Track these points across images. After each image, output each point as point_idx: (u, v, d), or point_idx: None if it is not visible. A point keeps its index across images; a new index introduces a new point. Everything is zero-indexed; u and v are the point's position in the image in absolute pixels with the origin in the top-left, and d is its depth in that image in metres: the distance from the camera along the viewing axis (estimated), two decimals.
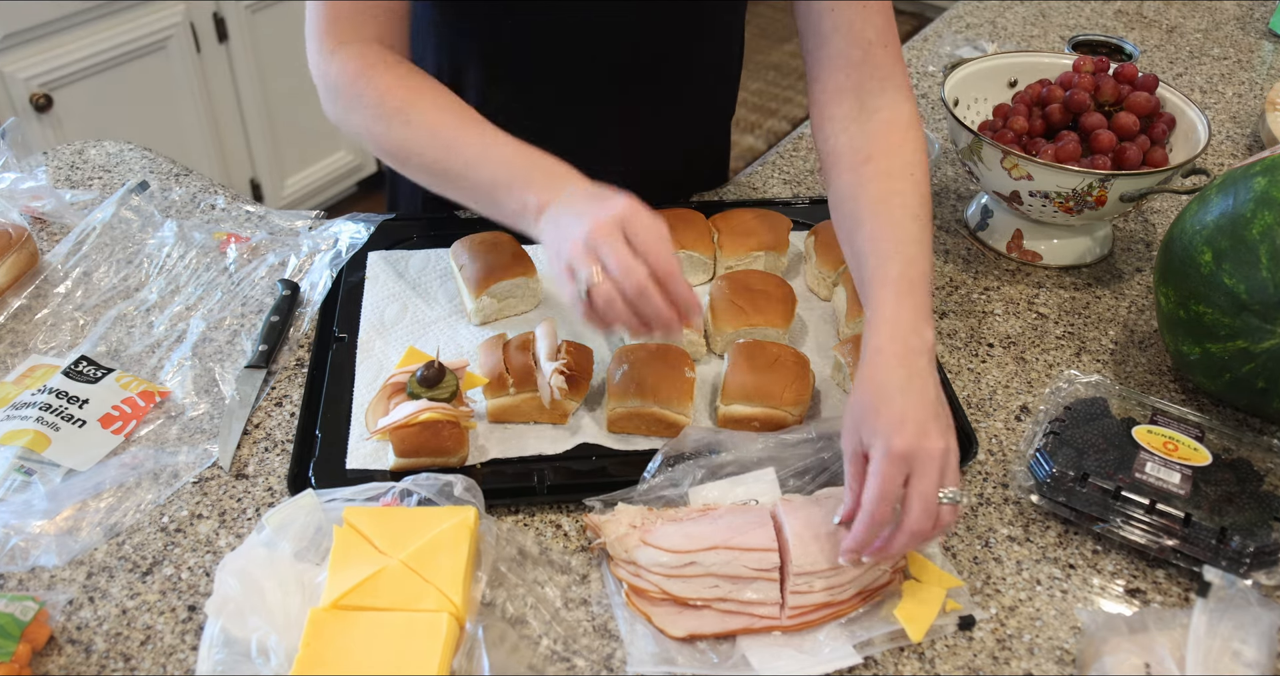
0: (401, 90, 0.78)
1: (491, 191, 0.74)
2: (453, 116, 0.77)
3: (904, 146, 0.80)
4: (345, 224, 1.02)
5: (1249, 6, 1.60)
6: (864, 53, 0.81)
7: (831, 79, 0.83)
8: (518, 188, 0.73)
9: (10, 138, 1.06)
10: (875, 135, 0.81)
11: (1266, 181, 0.78)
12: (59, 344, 0.90)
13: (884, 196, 0.77)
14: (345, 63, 0.79)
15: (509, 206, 0.74)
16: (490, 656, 0.63)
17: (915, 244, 0.75)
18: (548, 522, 0.76)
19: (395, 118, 0.77)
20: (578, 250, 0.67)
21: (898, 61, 0.83)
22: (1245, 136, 1.27)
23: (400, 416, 0.74)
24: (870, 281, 0.74)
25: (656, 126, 1.03)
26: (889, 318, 0.71)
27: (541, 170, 0.73)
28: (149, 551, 0.73)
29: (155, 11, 1.97)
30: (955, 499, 0.66)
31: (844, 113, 0.82)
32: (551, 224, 0.70)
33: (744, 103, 3.29)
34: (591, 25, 0.91)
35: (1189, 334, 0.82)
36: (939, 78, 1.38)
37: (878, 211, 0.77)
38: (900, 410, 0.66)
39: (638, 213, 0.67)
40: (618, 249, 0.66)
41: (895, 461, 0.65)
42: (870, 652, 0.67)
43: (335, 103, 0.80)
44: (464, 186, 0.76)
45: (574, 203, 0.70)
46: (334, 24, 0.80)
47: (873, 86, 0.82)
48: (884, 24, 0.82)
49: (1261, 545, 0.70)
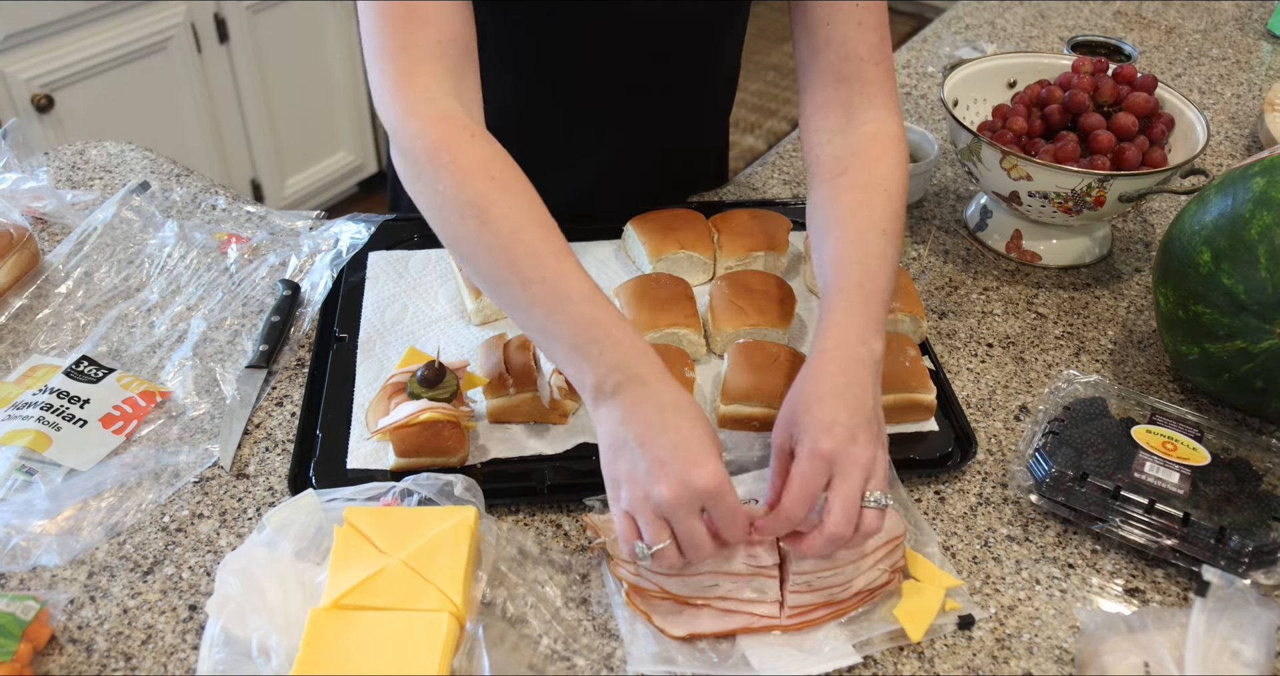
0: (482, 181, 0.69)
1: (546, 342, 0.69)
2: (531, 232, 0.68)
3: (881, 161, 0.80)
4: (346, 224, 1.02)
5: (1247, 7, 1.60)
6: (855, 68, 0.82)
7: (820, 92, 0.83)
8: (578, 356, 0.66)
9: (11, 138, 1.06)
10: (856, 148, 0.81)
11: (1265, 182, 0.78)
12: (60, 344, 0.90)
13: (854, 208, 0.78)
14: (426, 127, 0.70)
15: (562, 364, 0.68)
16: (490, 655, 0.63)
17: (877, 258, 0.75)
18: (548, 522, 0.76)
19: (469, 210, 0.68)
20: (647, 512, 0.62)
21: (888, 79, 0.83)
22: (1244, 137, 1.27)
23: (401, 416, 0.74)
24: (828, 289, 0.74)
25: (657, 126, 1.03)
26: (839, 323, 0.71)
27: (611, 344, 0.65)
28: (150, 551, 0.73)
29: (156, 12, 1.97)
30: (881, 503, 0.65)
31: (830, 125, 0.83)
32: (614, 429, 0.64)
33: (744, 103, 3.29)
34: (596, 25, 0.91)
35: (1188, 334, 0.82)
36: (938, 78, 1.38)
37: (845, 223, 0.77)
38: (832, 413, 0.66)
39: (723, 494, 0.62)
40: (694, 528, 0.62)
41: (818, 461, 0.64)
42: (870, 652, 0.67)
43: (408, 170, 0.72)
44: (518, 315, 0.69)
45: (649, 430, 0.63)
46: (410, 74, 0.71)
47: (861, 102, 0.82)
48: (877, 42, 0.82)
49: (1260, 544, 0.70)
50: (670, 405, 0.65)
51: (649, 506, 0.63)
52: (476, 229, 0.68)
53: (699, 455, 0.62)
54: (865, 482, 0.65)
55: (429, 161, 0.70)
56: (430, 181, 0.70)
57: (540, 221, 0.69)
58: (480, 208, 0.68)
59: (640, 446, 0.63)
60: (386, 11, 0.71)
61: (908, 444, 0.82)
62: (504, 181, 0.70)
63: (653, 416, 0.64)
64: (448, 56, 0.72)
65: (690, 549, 0.63)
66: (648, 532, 0.63)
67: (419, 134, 0.70)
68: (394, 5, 0.71)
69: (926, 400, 0.82)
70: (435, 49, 0.71)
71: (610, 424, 0.65)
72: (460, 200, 0.69)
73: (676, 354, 0.82)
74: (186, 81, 2.08)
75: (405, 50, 0.71)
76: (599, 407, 0.66)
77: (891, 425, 0.82)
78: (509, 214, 0.68)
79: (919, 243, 1.07)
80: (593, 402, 0.67)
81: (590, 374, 0.66)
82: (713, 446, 0.64)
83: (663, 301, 0.87)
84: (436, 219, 0.71)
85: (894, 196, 0.78)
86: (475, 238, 0.68)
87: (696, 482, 0.61)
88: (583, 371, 0.66)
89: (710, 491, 0.62)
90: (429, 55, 0.71)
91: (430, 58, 0.71)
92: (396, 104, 0.71)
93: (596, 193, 1.05)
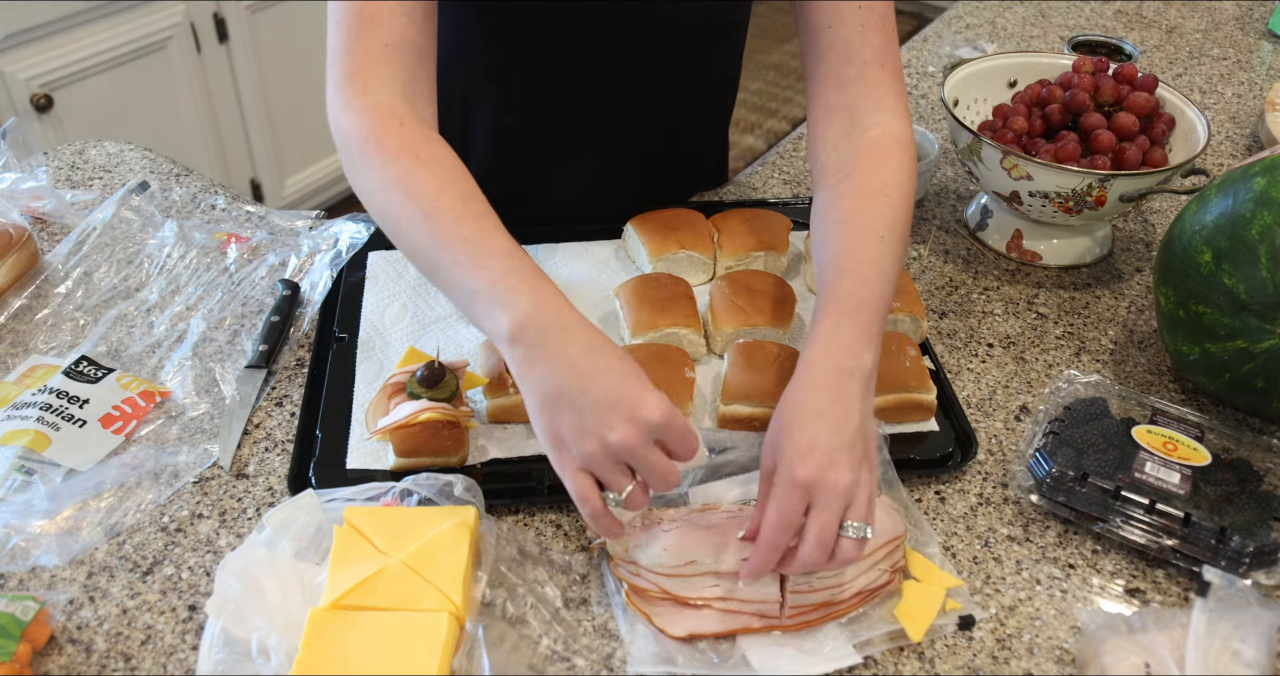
0: (406, 159, 0.70)
1: (465, 300, 0.68)
2: (451, 200, 0.69)
3: (885, 165, 0.79)
4: (345, 224, 1.02)
5: (1248, 7, 1.60)
6: (858, 72, 0.80)
7: (825, 97, 0.82)
8: (494, 306, 0.65)
9: (11, 138, 1.06)
10: (860, 153, 0.80)
11: (1266, 181, 0.78)
12: (59, 344, 0.90)
13: (852, 215, 0.77)
14: (358, 118, 0.72)
15: (480, 319, 0.67)
16: (490, 656, 0.63)
17: (872, 265, 0.73)
18: (548, 522, 0.76)
19: (393, 188, 0.70)
20: (606, 461, 0.62)
21: (893, 81, 0.82)
22: (1244, 137, 1.27)
23: (400, 416, 0.74)
24: (821, 295, 0.74)
25: (657, 126, 1.03)
26: (825, 335, 0.70)
27: (525, 291, 0.65)
28: (149, 551, 0.73)
29: (156, 12, 1.97)
30: (860, 533, 0.64)
31: (835, 131, 0.82)
32: (543, 384, 0.63)
33: (744, 103, 3.29)
34: (597, 24, 0.91)
35: (1188, 334, 0.82)
36: (939, 78, 1.38)
37: (843, 230, 0.76)
38: (811, 436, 0.64)
39: (674, 420, 0.62)
40: (656, 461, 0.62)
41: (795, 489, 0.63)
42: (870, 652, 0.67)
43: (345, 160, 0.74)
44: (439, 279, 0.70)
45: (582, 375, 0.62)
46: (354, 74, 0.73)
47: (865, 106, 0.81)
48: (881, 44, 0.81)
49: (1261, 545, 0.70)
50: (595, 346, 0.63)
51: (607, 454, 0.62)
52: (401, 203, 0.70)
53: (640, 390, 0.62)
54: (844, 510, 0.64)
55: (359, 148, 0.71)
56: (360, 167, 0.72)
57: (464, 192, 0.70)
58: (402, 183, 0.70)
59: (579, 395, 0.62)
60: (341, 14, 0.73)
61: (908, 444, 0.81)
62: (428, 159, 0.71)
63: (581, 361, 0.63)
64: (395, 60, 0.73)
65: (658, 481, 0.63)
66: (611, 481, 0.63)
67: (350, 124, 0.72)
68: (347, 7, 0.73)
69: (927, 400, 0.82)
70: (383, 52, 0.73)
71: (537, 380, 0.64)
72: (384, 180, 0.70)
73: (676, 354, 0.82)
74: (186, 81, 2.08)
75: (351, 51, 0.73)
76: (521, 363, 0.64)
77: (891, 425, 0.82)
78: (430, 185, 0.70)
79: (919, 242, 1.07)
80: (512, 356, 0.65)
81: (506, 323, 0.64)
82: (645, 377, 0.63)
83: (663, 301, 0.87)
84: (368, 201, 0.73)
85: (896, 201, 0.77)
86: (400, 211, 0.70)
87: (649, 417, 0.61)
88: (498, 322, 0.65)
89: (663, 422, 0.61)
90: (376, 58, 0.73)
91: (377, 61, 0.73)
92: (335, 99, 0.74)
93: (597, 192, 1.05)
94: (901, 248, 0.77)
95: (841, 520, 0.64)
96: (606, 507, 0.64)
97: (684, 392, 0.79)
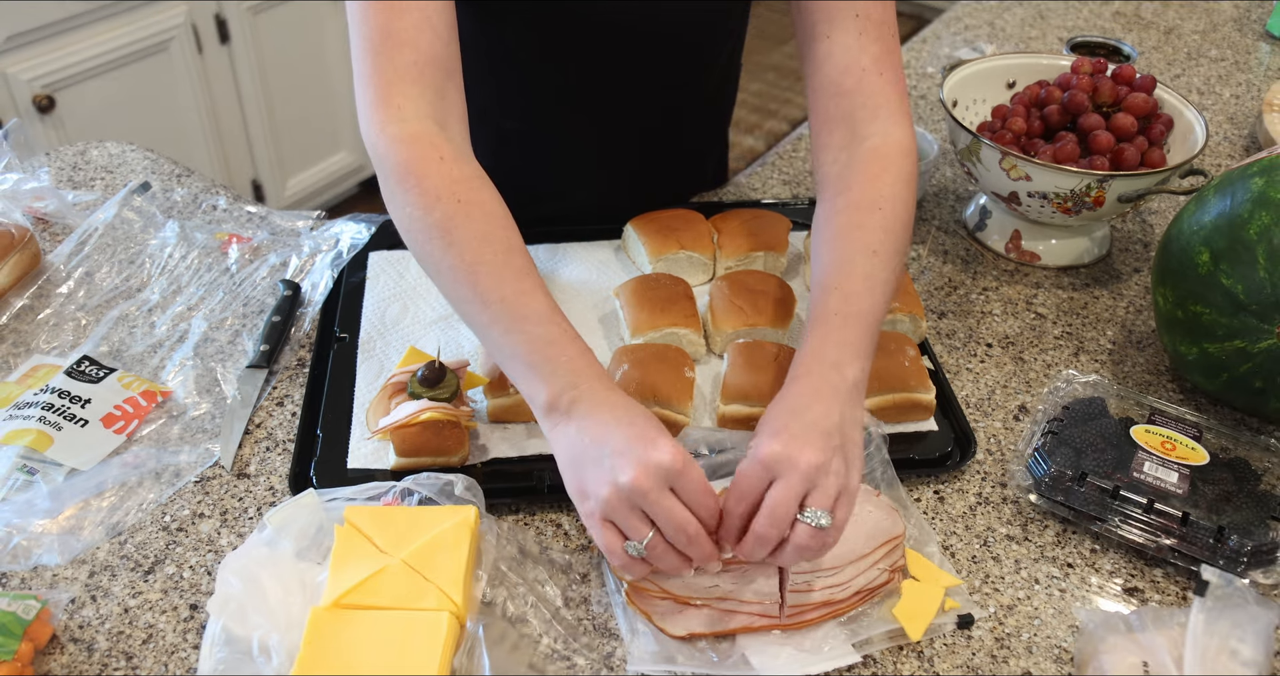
0: (448, 203, 0.70)
1: (503, 360, 0.70)
2: (494, 254, 0.70)
3: (881, 178, 0.78)
4: (346, 224, 1.02)
5: (1246, 8, 1.60)
6: (856, 81, 0.80)
7: (823, 107, 0.82)
8: (533, 374, 0.67)
9: (13, 138, 1.06)
10: (858, 165, 0.79)
11: (1264, 182, 0.78)
12: (61, 344, 0.90)
13: (845, 230, 0.77)
14: (396, 148, 0.71)
15: (518, 382, 0.70)
16: (491, 655, 0.63)
17: (863, 280, 0.73)
18: (548, 522, 0.76)
19: (434, 233, 0.70)
20: (622, 507, 0.62)
21: (893, 87, 0.81)
22: (1243, 137, 1.28)
23: (401, 416, 0.74)
24: (810, 314, 0.74)
25: (657, 127, 1.03)
26: (812, 351, 0.71)
27: (565, 362, 0.67)
28: (151, 550, 0.73)
29: (157, 13, 1.98)
30: (817, 521, 0.62)
31: (837, 141, 0.81)
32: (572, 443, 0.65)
33: (744, 103, 3.29)
34: (596, 25, 0.91)
35: (1187, 334, 0.82)
36: (938, 79, 1.39)
37: (834, 244, 0.76)
38: (784, 421, 0.65)
39: (688, 467, 0.62)
40: (671, 508, 0.62)
41: (755, 465, 0.63)
42: (869, 651, 0.67)
43: (383, 185, 0.74)
44: (479, 333, 0.72)
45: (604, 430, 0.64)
46: (386, 96, 0.72)
47: (864, 114, 0.80)
48: (881, 51, 0.80)
49: (1259, 544, 0.70)
50: (621, 406, 0.65)
51: (621, 500, 0.62)
52: (442, 250, 0.70)
53: (653, 436, 0.63)
54: (805, 490, 0.63)
55: (398, 184, 0.72)
56: (400, 203, 0.72)
57: (505, 242, 0.71)
58: (445, 230, 0.70)
59: (598, 446, 0.63)
60: (366, 33, 0.73)
61: (907, 443, 0.82)
62: (470, 202, 0.71)
63: (606, 417, 0.64)
64: (424, 77, 0.73)
65: (674, 531, 0.62)
66: (629, 527, 0.63)
67: (387, 154, 0.72)
68: (373, 27, 0.73)
69: (926, 400, 0.82)
70: (411, 71, 0.73)
71: (567, 440, 0.66)
72: (426, 222, 0.70)
73: (676, 354, 0.82)
74: (187, 82, 2.09)
75: (381, 71, 0.73)
76: (554, 427, 0.67)
77: (890, 425, 0.82)
78: (473, 236, 0.70)
79: (918, 243, 1.07)
80: (546, 421, 0.67)
81: (544, 392, 0.67)
82: (664, 430, 0.64)
83: (663, 301, 0.87)
84: (406, 238, 0.73)
85: (890, 214, 0.77)
86: (440, 258, 0.70)
87: (657, 459, 0.61)
88: (537, 390, 0.67)
89: (672, 466, 0.61)
90: (404, 77, 0.72)
91: (405, 80, 0.72)
92: (370, 123, 0.73)
93: (597, 193, 1.05)
94: (897, 258, 0.76)
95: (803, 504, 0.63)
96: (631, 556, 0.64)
97: (684, 393, 0.80)
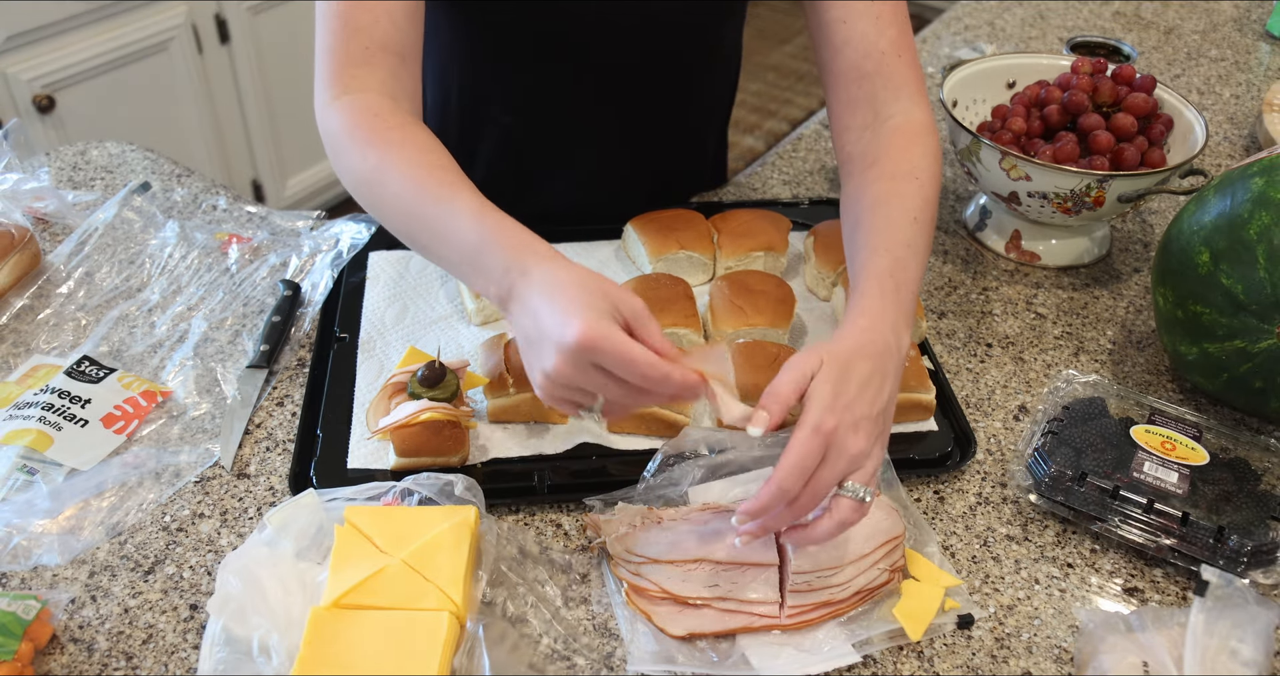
0: (380, 147, 0.72)
1: (453, 271, 0.71)
2: (421, 178, 0.71)
3: (910, 149, 0.79)
4: (346, 224, 1.02)
5: (1246, 8, 1.60)
6: (876, 64, 0.81)
7: (845, 91, 0.83)
8: (476, 274, 0.68)
9: (13, 138, 1.06)
10: (884, 140, 0.81)
11: (1264, 182, 0.78)
12: (61, 344, 0.90)
13: (885, 197, 0.77)
14: (338, 113, 0.74)
15: (470, 285, 0.70)
16: (491, 655, 0.63)
17: (907, 247, 0.74)
18: (548, 522, 0.76)
19: (373, 177, 0.72)
20: (555, 390, 0.63)
21: (911, 68, 0.83)
22: (1243, 137, 1.28)
23: (401, 416, 0.74)
24: (860, 273, 0.73)
25: (657, 127, 1.03)
26: (872, 309, 0.70)
27: (497, 251, 0.66)
28: (151, 550, 0.73)
29: (157, 13, 1.98)
30: (859, 495, 0.64)
31: (859, 122, 0.83)
32: (517, 330, 0.66)
33: (743, 103, 3.29)
34: (595, 24, 0.91)
35: (1187, 334, 0.82)
36: (938, 79, 1.39)
37: (876, 211, 0.76)
38: (850, 399, 0.64)
39: (601, 341, 0.59)
40: (603, 385, 0.62)
41: (818, 436, 0.62)
42: (869, 651, 0.67)
43: (330, 155, 0.76)
44: (434, 260, 0.73)
45: (533, 317, 0.63)
46: (340, 72, 0.75)
47: (886, 96, 0.82)
48: (898, 34, 0.82)
49: (1259, 544, 0.70)
50: (548, 283, 0.64)
51: (554, 385, 0.62)
52: (381, 185, 0.72)
53: (566, 315, 0.61)
54: (849, 472, 0.64)
55: (340, 141, 0.74)
56: (343, 158, 0.74)
57: (427, 170, 0.71)
58: (380, 168, 0.72)
59: (529, 333, 0.64)
60: (326, 17, 0.76)
61: (907, 443, 0.82)
62: (402, 141, 0.72)
63: (535, 302, 0.64)
64: (375, 59, 0.75)
65: (613, 406, 0.63)
66: (573, 404, 0.65)
67: (331, 118, 0.75)
68: (330, 9, 0.75)
69: (926, 400, 0.82)
70: (364, 55, 0.75)
71: (516, 329, 0.66)
72: (364, 165, 0.72)
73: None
74: (187, 82, 2.09)
75: (334, 53, 0.75)
76: (508, 315, 0.67)
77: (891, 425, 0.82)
78: (403, 170, 0.71)
79: None
80: (504, 311, 0.68)
81: (491, 286, 0.67)
82: (589, 303, 0.61)
83: (663, 301, 0.87)
84: (351, 190, 0.75)
85: (925, 183, 0.78)
86: (380, 200, 0.72)
87: (566, 340, 0.60)
88: (485, 287, 0.68)
89: (583, 345, 0.59)
90: (356, 60, 0.75)
91: (357, 62, 0.75)
92: (319, 100, 0.76)
93: (596, 193, 1.05)
94: (932, 230, 0.77)
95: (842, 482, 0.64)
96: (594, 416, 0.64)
97: None
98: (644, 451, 0.79)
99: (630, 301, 0.63)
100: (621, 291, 0.63)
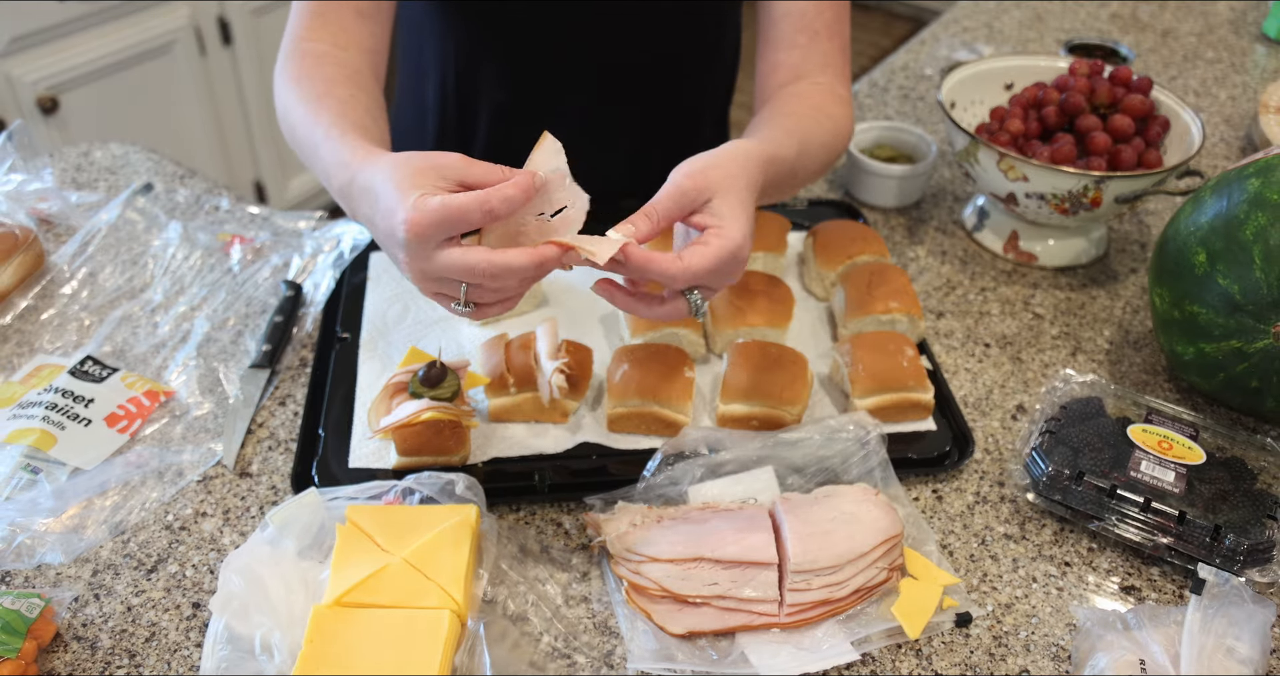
0: (295, 83, 0.78)
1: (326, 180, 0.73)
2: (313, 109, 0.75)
3: (828, 105, 0.85)
4: (348, 225, 1.02)
5: (1242, 10, 1.60)
6: (809, 39, 0.87)
7: (773, 56, 0.88)
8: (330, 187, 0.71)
9: (17, 140, 1.07)
10: (806, 87, 0.87)
11: (1260, 183, 0.78)
12: (65, 344, 0.91)
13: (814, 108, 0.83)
14: (281, 60, 0.81)
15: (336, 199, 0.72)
16: (491, 653, 0.63)
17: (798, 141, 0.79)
18: (549, 521, 0.76)
19: (283, 114, 0.79)
20: (426, 286, 0.65)
21: (840, 53, 0.88)
22: (1239, 139, 1.28)
23: (402, 415, 0.75)
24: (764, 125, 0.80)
25: (655, 127, 1.04)
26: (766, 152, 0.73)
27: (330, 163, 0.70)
28: (154, 549, 0.73)
29: (160, 15, 1.98)
30: (695, 303, 0.68)
31: (779, 81, 0.88)
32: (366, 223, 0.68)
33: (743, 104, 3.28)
34: (593, 24, 0.91)
35: (1183, 334, 0.82)
36: (936, 80, 1.39)
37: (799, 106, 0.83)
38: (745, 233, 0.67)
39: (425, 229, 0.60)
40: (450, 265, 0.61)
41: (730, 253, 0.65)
42: (868, 649, 0.68)
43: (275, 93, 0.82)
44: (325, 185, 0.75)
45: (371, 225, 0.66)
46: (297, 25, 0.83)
47: (812, 68, 0.87)
48: (833, 19, 0.87)
49: (1255, 542, 0.71)
50: (367, 186, 0.65)
51: (422, 283, 0.64)
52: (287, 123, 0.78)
53: (388, 209, 0.61)
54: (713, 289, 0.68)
55: (277, 79, 0.80)
56: (277, 95, 0.80)
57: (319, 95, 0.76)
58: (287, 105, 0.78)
59: (385, 241, 0.64)
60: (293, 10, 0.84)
61: (905, 443, 0.82)
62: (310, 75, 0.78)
63: (363, 207, 0.66)
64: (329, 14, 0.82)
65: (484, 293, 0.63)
66: (444, 298, 0.65)
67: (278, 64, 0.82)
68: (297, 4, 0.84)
69: (924, 399, 0.83)
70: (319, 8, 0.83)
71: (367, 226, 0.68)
72: (280, 104, 0.79)
73: (676, 354, 0.83)
74: (190, 83, 2.09)
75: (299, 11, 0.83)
76: (352, 215, 0.70)
77: (889, 424, 0.83)
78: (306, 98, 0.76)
79: (917, 243, 1.08)
80: (350, 213, 0.70)
81: (338, 197, 0.70)
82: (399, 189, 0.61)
83: None
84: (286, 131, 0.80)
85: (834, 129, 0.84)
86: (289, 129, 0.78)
87: (400, 234, 0.60)
88: (331, 190, 0.71)
89: (417, 234, 0.59)
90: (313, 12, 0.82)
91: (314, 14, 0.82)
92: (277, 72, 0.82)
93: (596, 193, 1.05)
94: (826, 157, 0.84)
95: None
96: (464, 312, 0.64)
97: (683, 392, 0.80)
98: (644, 451, 0.80)
99: (447, 161, 0.62)
100: (436, 156, 0.63)
